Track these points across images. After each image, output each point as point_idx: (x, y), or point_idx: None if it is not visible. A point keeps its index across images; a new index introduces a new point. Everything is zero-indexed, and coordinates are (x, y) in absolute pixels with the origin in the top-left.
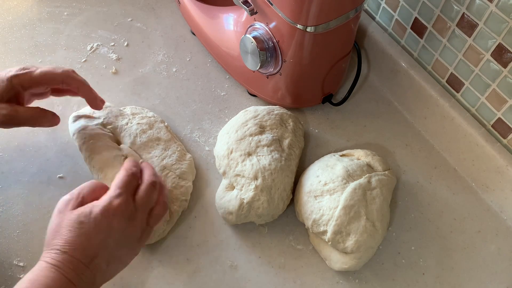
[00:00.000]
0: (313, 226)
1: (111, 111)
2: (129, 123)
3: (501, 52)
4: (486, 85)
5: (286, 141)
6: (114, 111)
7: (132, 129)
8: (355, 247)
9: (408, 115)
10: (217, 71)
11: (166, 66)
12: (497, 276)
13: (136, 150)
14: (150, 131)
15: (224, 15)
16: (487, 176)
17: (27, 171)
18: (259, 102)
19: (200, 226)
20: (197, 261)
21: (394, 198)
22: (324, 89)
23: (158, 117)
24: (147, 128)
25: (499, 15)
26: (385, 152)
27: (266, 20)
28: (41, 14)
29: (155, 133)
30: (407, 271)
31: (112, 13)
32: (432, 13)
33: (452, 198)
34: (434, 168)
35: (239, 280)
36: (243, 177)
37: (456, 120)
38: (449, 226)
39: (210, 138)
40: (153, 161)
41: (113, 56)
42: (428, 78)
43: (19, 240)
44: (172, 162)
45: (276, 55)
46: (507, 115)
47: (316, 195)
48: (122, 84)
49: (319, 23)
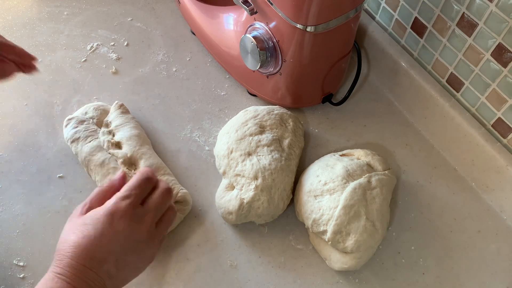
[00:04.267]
0: (313, 226)
1: (104, 110)
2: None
3: (501, 51)
4: (486, 85)
5: (286, 141)
6: (107, 110)
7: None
8: (355, 247)
9: (408, 115)
10: (217, 71)
11: (166, 66)
12: (497, 276)
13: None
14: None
15: (224, 14)
16: (487, 176)
17: (27, 171)
18: (259, 102)
19: (200, 226)
20: (197, 261)
21: (394, 198)
22: (324, 89)
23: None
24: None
25: (499, 15)
26: (385, 152)
27: (266, 20)
28: (41, 13)
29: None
30: (407, 271)
31: (112, 13)
32: (432, 13)
33: (452, 198)
34: (434, 168)
35: (239, 280)
36: (243, 177)
37: (456, 120)
38: (449, 226)
39: (210, 138)
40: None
41: (113, 56)
42: (428, 78)
43: (19, 240)
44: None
45: (276, 54)
46: (507, 115)
47: (316, 194)
48: (122, 84)
49: (319, 23)
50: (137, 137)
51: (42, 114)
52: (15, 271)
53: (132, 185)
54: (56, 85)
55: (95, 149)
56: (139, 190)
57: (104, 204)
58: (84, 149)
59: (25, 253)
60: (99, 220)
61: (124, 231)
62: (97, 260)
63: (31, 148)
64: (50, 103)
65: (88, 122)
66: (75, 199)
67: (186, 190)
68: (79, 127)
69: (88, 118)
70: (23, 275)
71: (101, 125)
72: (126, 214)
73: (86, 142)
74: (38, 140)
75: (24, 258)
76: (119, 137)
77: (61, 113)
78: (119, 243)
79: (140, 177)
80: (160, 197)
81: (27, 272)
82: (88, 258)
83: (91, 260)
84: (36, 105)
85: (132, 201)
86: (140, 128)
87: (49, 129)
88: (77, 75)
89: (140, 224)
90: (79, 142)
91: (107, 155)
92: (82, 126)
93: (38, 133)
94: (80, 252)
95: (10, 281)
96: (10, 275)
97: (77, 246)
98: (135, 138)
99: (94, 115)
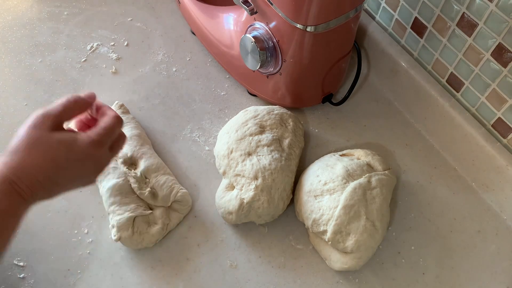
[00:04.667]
0: (313, 226)
1: None
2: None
3: (501, 51)
4: (486, 85)
5: (286, 141)
6: None
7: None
8: (355, 246)
9: (408, 115)
10: (217, 70)
11: (166, 66)
12: (497, 276)
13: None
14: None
15: (224, 14)
16: (487, 176)
17: None
18: (259, 102)
19: (200, 226)
20: (197, 261)
21: (394, 198)
22: (324, 89)
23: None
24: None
25: (499, 15)
26: (385, 152)
27: (266, 20)
28: (41, 13)
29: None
30: (407, 271)
31: (112, 13)
32: (432, 13)
33: (452, 198)
34: (434, 168)
35: (239, 280)
36: (243, 177)
37: (456, 120)
38: (449, 226)
39: (210, 137)
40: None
41: (113, 56)
42: (428, 78)
43: (19, 240)
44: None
45: (276, 54)
46: (507, 115)
47: (316, 194)
48: (122, 83)
49: (319, 23)
50: (138, 137)
51: None
52: (15, 271)
53: (106, 130)
54: (56, 85)
55: None
56: (112, 133)
57: (82, 141)
58: None
59: (25, 253)
60: (83, 151)
61: (84, 166)
62: (41, 183)
63: None
64: (50, 103)
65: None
66: (75, 199)
67: (185, 190)
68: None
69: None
70: (23, 275)
71: None
72: (99, 154)
73: None
74: None
75: (24, 258)
76: None
77: None
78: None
79: (112, 121)
80: (111, 122)
81: (27, 272)
82: (36, 180)
83: (36, 181)
84: (36, 105)
85: (104, 143)
86: (140, 128)
87: None
88: (77, 75)
89: (101, 149)
90: None
91: None
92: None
93: None
94: (34, 173)
95: (10, 281)
96: (10, 275)
97: (39, 170)
98: (136, 138)
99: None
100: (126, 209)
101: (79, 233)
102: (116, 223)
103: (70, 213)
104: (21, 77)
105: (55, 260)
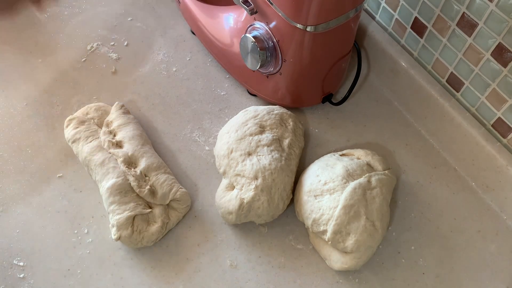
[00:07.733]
0: (313, 226)
1: (105, 111)
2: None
3: (501, 51)
4: (486, 85)
5: (286, 141)
6: (108, 110)
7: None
8: (355, 246)
9: (408, 115)
10: (217, 70)
11: (166, 65)
12: (497, 276)
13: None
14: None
15: (224, 14)
16: (487, 176)
17: (27, 171)
18: (259, 102)
19: (200, 226)
20: (197, 261)
21: (394, 198)
22: (324, 89)
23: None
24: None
25: (499, 15)
26: (385, 152)
27: (266, 20)
28: (41, 13)
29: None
30: (407, 271)
31: (112, 13)
32: (432, 13)
33: (452, 198)
34: (434, 168)
35: (239, 280)
36: (243, 177)
37: (456, 119)
38: (449, 226)
39: (210, 137)
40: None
41: (113, 56)
42: (428, 77)
43: (19, 240)
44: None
45: (276, 54)
46: (507, 115)
47: (316, 194)
48: (122, 84)
49: (319, 23)
50: (139, 137)
51: (42, 114)
52: (15, 271)
53: None
54: (56, 85)
55: (95, 149)
56: None
57: None
58: (84, 149)
59: (25, 253)
60: None
61: None
62: None
63: (31, 148)
64: (50, 103)
65: (89, 122)
66: (75, 199)
67: (185, 190)
68: (80, 127)
69: (89, 118)
70: (23, 275)
71: (102, 126)
72: None
73: (87, 142)
74: (38, 140)
75: (24, 258)
76: (121, 137)
77: (61, 113)
78: None
79: None
80: None
81: (27, 272)
82: None
83: None
84: (36, 105)
85: None
86: (141, 128)
87: (49, 129)
88: (77, 75)
89: None
90: (80, 142)
91: (107, 154)
92: (83, 127)
93: (38, 133)
94: None
95: (10, 281)
96: (10, 275)
97: None
98: (137, 138)
99: (95, 116)
100: (125, 208)
101: (79, 233)
102: (116, 222)
103: (70, 213)
104: (21, 77)
105: (55, 260)
